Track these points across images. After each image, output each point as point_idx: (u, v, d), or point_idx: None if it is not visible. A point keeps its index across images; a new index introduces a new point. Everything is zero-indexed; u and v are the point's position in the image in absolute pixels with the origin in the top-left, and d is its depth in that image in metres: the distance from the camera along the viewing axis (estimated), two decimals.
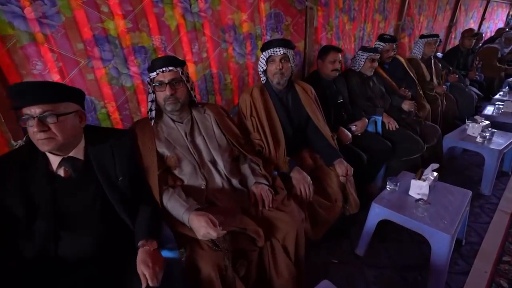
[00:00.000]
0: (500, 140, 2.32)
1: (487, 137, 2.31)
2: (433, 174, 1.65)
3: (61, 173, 1.04)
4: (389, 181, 1.69)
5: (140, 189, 1.20)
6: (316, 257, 1.70)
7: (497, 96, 3.53)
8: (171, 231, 1.16)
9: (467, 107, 3.49)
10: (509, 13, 6.78)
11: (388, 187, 1.70)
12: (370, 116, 2.37)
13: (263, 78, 1.68)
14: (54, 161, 1.04)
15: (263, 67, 1.64)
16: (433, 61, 3.34)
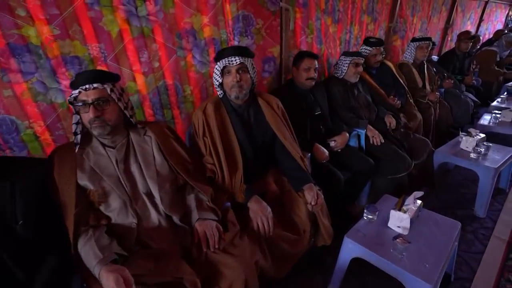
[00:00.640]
0: (496, 156, 2.09)
1: (482, 152, 2.08)
2: (416, 203, 1.43)
3: None
4: (366, 210, 1.47)
5: (49, 233, 0.98)
6: None
7: (495, 103, 3.30)
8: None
9: (462, 115, 3.26)
10: (508, 14, 6.54)
11: (365, 216, 1.48)
12: (352, 129, 2.15)
13: (220, 92, 1.46)
14: None
15: (218, 80, 1.41)
16: (426, 66, 3.11)
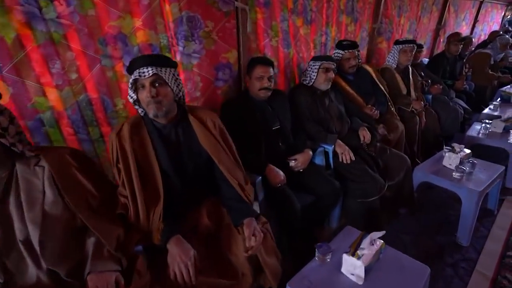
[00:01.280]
0: (482, 175, 1.84)
1: (466, 171, 1.84)
2: (376, 244, 1.18)
3: None
4: (317, 250, 1.23)
5: None
6: None
7: (487, 110, 3.04)
8: None
9: (451, 123, 3.01)
10: (504, 14, 6.27)
11: (316, 256, 1.24)
12: (319, 144, 1.90)
13: (140, 110, 1.22)
14: None
15: (133, 97, 1.17)
16: (410, 70, 2.86)
